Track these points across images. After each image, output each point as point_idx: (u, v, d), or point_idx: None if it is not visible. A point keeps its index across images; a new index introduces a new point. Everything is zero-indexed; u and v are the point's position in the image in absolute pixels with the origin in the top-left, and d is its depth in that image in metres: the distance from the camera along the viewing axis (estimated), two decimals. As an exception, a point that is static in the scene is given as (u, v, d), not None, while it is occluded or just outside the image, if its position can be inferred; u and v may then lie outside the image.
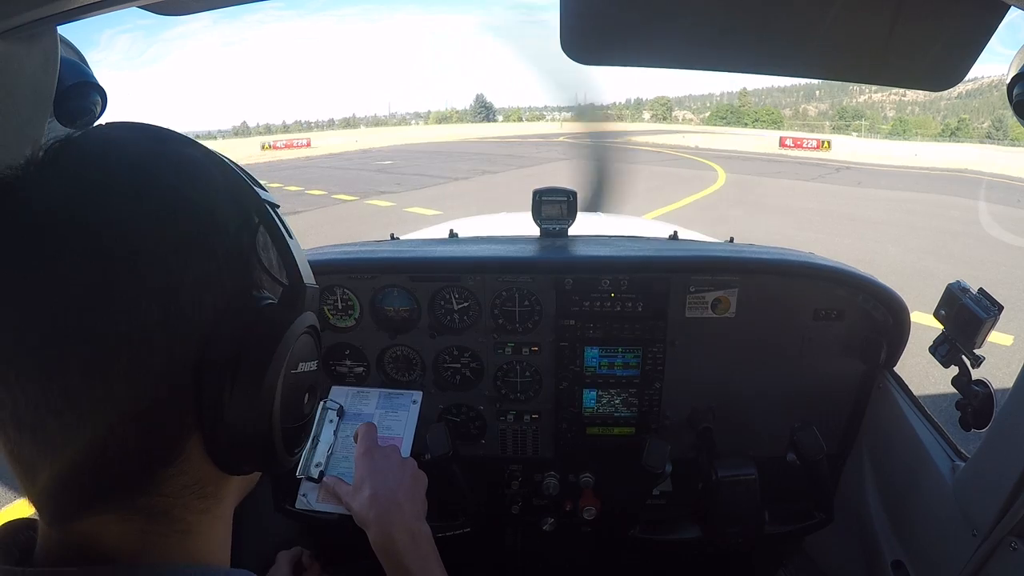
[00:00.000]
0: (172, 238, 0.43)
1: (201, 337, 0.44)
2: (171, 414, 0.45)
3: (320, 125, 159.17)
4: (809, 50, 0.88)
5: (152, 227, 0.43)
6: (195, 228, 0.45)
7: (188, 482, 0.48)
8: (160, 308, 0.42)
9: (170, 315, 0.42)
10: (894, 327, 1.51)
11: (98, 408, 0.41)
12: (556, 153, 30.58)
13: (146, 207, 0.43)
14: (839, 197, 16.07)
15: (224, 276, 0.46)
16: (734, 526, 1.44)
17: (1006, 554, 1.03)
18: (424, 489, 1.03)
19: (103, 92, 0.97)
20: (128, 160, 0.45)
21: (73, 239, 0.40)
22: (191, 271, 0.44)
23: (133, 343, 0.41)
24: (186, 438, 0.46)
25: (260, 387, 0.47)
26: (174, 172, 0.46)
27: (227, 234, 0.47)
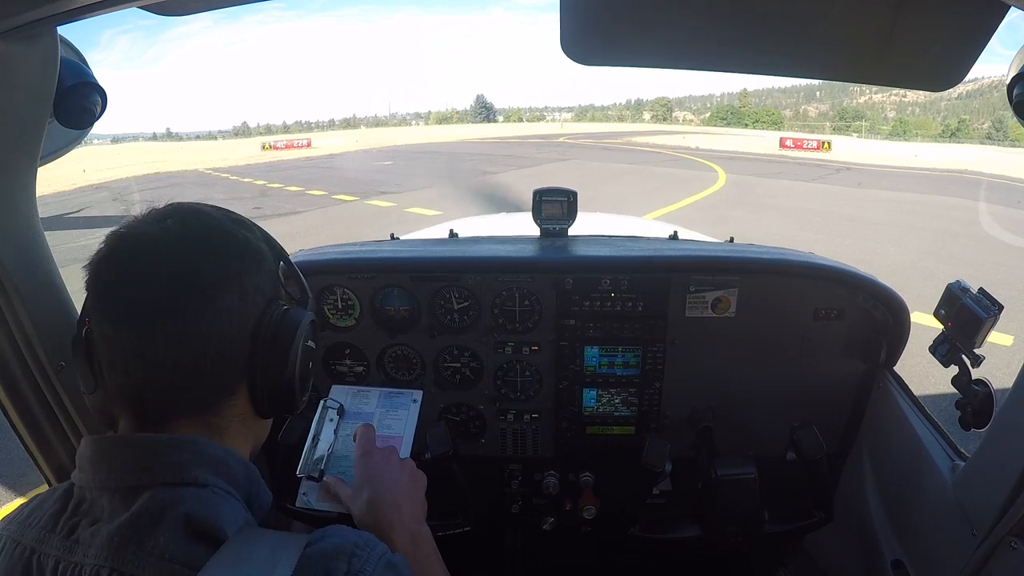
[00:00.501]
0: (240, 264, 0.73)
1: (254, 322, 0.74)
2: (232, 368, 0.73)
3: (320, 125, 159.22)
4: (809, 50, 0.88)
5: (230, 258, 0.73)
6: (251, 259, 0.75)
7: (237, 412, 0.76)
8: (236, 299, 0.71)
9: (239, 305, 0.72)
10: (894, 327, 1.51)
11: (197, 357, 0.69)
12: (556, 154, 30.60)
13: (230, 244, 0.74)
14: (839, 198, 16.07)
15: (267, 286, 0.76)
16: (734, 525, 1.44)
17: (1006, 554, 1.03)
18: (423, 490, 1.03)
19: (103, 92, 0.97)
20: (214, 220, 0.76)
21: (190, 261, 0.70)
22: (250, 282, 0.74)
23: (223, 320, 0.70)
24: (239, 384, 0.75)
25: (288, 353, 0.76)
26: (238, 229, 0.76)
27: (267, 262, 0.78)
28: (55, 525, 0.68)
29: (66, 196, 18.37)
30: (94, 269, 0.70)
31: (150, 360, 0.68)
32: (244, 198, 16.63)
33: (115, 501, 0.66)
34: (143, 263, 0.69)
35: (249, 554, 0.63)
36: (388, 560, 0.69)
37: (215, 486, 0.69)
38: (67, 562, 0.65)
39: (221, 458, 0.71)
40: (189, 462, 0.68)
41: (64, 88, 0.91)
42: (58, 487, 0.73)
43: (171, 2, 0.94)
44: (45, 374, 1.05)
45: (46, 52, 0.86)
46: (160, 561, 0.62)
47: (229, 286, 0.71)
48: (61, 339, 1.03)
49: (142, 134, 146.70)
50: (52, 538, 0.67)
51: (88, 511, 0.68)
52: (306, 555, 0.64)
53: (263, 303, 0.74)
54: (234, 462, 0.73)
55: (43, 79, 0.88)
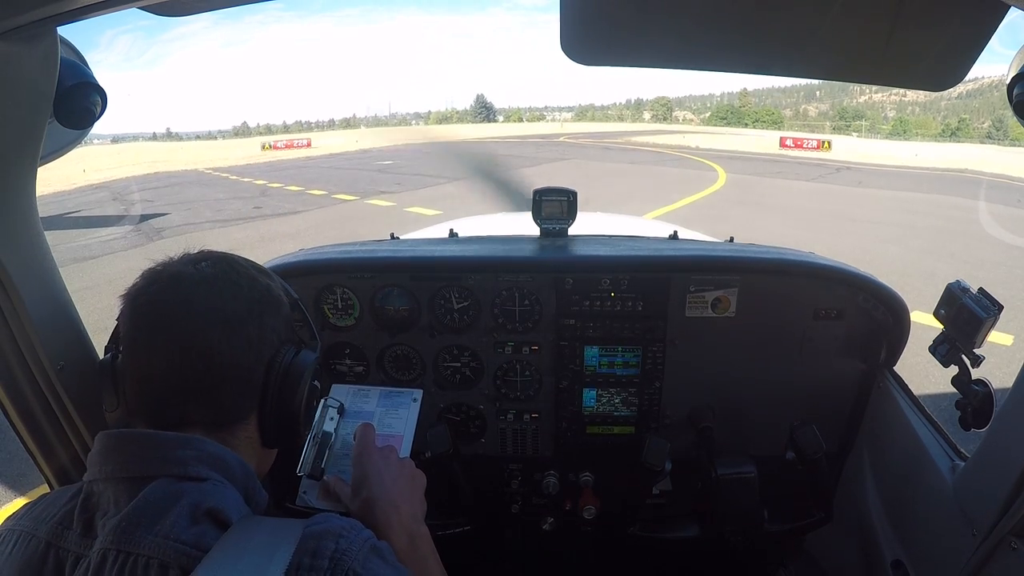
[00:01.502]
0: (261, 306, 0.83)
1: (269, 357, 0.82)
2: (250, 394, 0.81)
3: (320, 125, 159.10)
4: (810, 50, 0.88)
5: (254, 300, 0.82)
6: (270, 303, 0.84)
7: (246, 436, 0.83)
8: (256, 336, 0.81)
9: (257, 341, 0.81)
10: (894, 326, 1.51)
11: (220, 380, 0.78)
12: (555, 153, 30.60)
13: (255, 291, 0.83)
14: (839, 197, 16.06)
15: (281, 329, 0.86)
16: (733, 524, 1.45)
17: (1006, 553, 1.03)
18: (422, 490, 1.03)
19: (103, 93, 0.97)
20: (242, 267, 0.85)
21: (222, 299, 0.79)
22: (268, 322, 0.83)
23: (244, 351, 0.79)
24: (252, 410, 0.82)
25: (296, 388, 0.84)
26: (261, 276, 0.86)
27: (283, 307, 0.87)
28: (71, 521, 0.71)
29: (66, 196, 18.37)
30: (131, 299, 0.79)
31: (177, 381, 0.76)
32: (244, 197, 16.63)
33: (121, 491, 0.70)
34: (179, 296, 0.78)
35: (253, 536, 0.68)
36: (373, 544, 0.73)
37: (215, 480, 0.74)
38: (87, 557, 0.68)
39: (220, 455, 0.76)
40: (192, 458, 0.73)
41: (64, 88, 0.91)
42: (69, 487, 0.77)
43: (171, 2, 0.94)
44: (45, 374, 1.05)
45: (46, 52, 0.86)
46: (168, 542, 0.65)
47: (251, 323, 0.80)
48: (61, 339, 1.03)
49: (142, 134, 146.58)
50: (69, 535, 0.70)
51: (98, 504, 0.71)
52: (303, 536, 0.70)
53: (277, 343, 0.84)
54: (232, 460, 0.78)
55: (43, 79, 0.88)
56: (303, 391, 0.85)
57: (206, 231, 11.85)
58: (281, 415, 0.84)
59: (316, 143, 43.49)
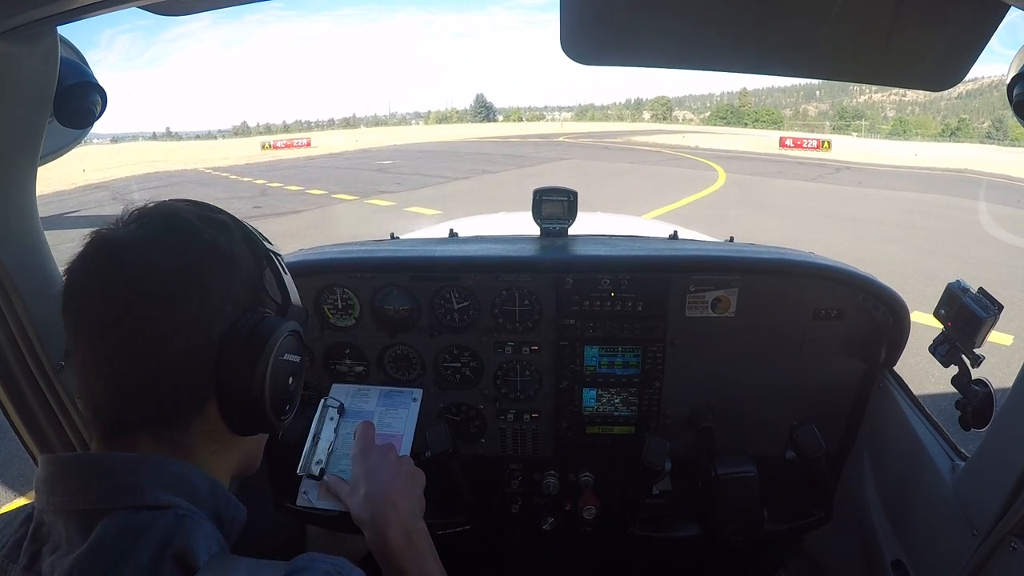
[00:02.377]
0: (207, 267, 0.68)
1: (223, 331, 0.68)
2: (200, 377, 0.68)
3: (320, 125, 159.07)
4: (810, 50, 0.88)
5: (195, 261, 0.68)
6: (216, 263, 0.69)
7: (206, 429, 0.70)
8: (198, 307, 0.67)
9: (204, 312, 0.67)
10: (894, 327, 1.51)
11: (156, 366, 0.65)
12: (555, 153, 30.59)
13: (194, 247, 0.68)
14: (839, 197, 16.07)
15: (240, 293, 0.71)
16: (733, 523, 1.45)
17: (1006, 554, 1.03)
18: (421, 487, 1.04)
19: (103, 92, 0.97)
20: (184, 219, 0.70)
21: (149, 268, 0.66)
22: (219, 286, 0.69)
23: (182, 327, 0.66)
24: (207, 398, 0.69)
25: (256, 366, 0.69)
26: (211, 228, 0.71)
27: (242, 266, 0.72)
28: (18, 554, 0.64)
29: (66, 196, 18.38)
30: (67, 275, 0.68)
31: (107, 370, 0.65)
32: (244, 197, 16.63)
33: (72, 527, 0.62)
34: (103, 268, 0.66)
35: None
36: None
37: (178, 507, 0.64)
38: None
39: (182, 475, 0.66)
40: (149, 482, 0.63)
41: (64, 88, 0.91)
42: (20, 510, 0.69)
43: (171, 2, 0.94)
44: (45, 374, 1.05)
45: (46, 52, 0.86)
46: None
47: (190, 293, 0.66)
48: (61, 339, 1.03)
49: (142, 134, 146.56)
50: (14, 569, 0.64)
51: (48, 536, 0.64)
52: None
53: (235, 311, 0.69)
54: (197, 478, 0.68)
55: (43, 79, 0.88)
56: (264, 365, 0.69)
57: (206, 231, 11.81)
58: (240, 398, 0.69)
59: (316, 143, 43.51)
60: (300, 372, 0.78)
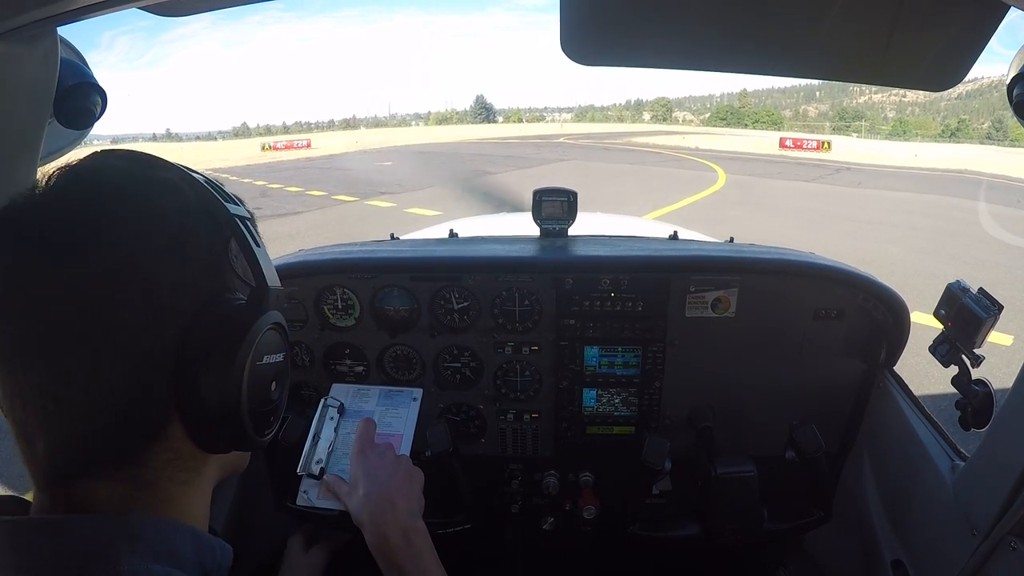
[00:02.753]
0: (150, 249, 0.51)
1: (180, 333, 0.52)
2: (155, 397, 0.52)
3: (320, 126, 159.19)
4: (809, 50, 0.88)
5: (133, 240, 0.51)
6: (170, 240, 0.53)
7: (172, 456, 0.55)
8: (142, 309, 0.51)
9: (151, 314, 0.51)
10: (894, 327, 1.51)
11: (92, 392, 0.50)
12: (555, 154, 30.60)
13: (128, 224, 0.51)
14: (839, 198, 16.07)
15: (199, 280, 0.54)
16: (733, 522, 1.45)
17: (1006, 554, 1.03)
18: (420, 486, 1.04)
19: (103, 93, 0.97)
20: (114, 183, 0.53)
21: (68, 254, 0.49)
22: (168, 277, 0.52)
23: (120, 338, 0.50)
24: (168, 418, 0.54)
25: (229, 375, 0.54)
26: (152, 193, 0.54)
27: (200, 244, 0.55)
28: None
29: (66, 196, 18.35)
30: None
31: (34, 401, 0.50)
32: (244, 198, 16.61)
33: None
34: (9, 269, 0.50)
35: None
36: None
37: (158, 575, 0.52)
38: None
39: (161, 537, 0.53)
40: (123, 552, 0.50)
41: (64, 88, 0.91)
42: None
43: (171, 2, 0.94)
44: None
45: (46, 52, 0.86)
46: None
47: (124, 286, 0.50)
48: None
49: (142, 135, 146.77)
50: None
51: None
52: None
53: (194, 305, 0.53)
54: (176, 535, 0.55)
55: (43, 79, 0.88)
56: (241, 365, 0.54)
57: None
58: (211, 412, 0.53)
59: (316, 144, 43.51)
60: (285, 375, 0.63)
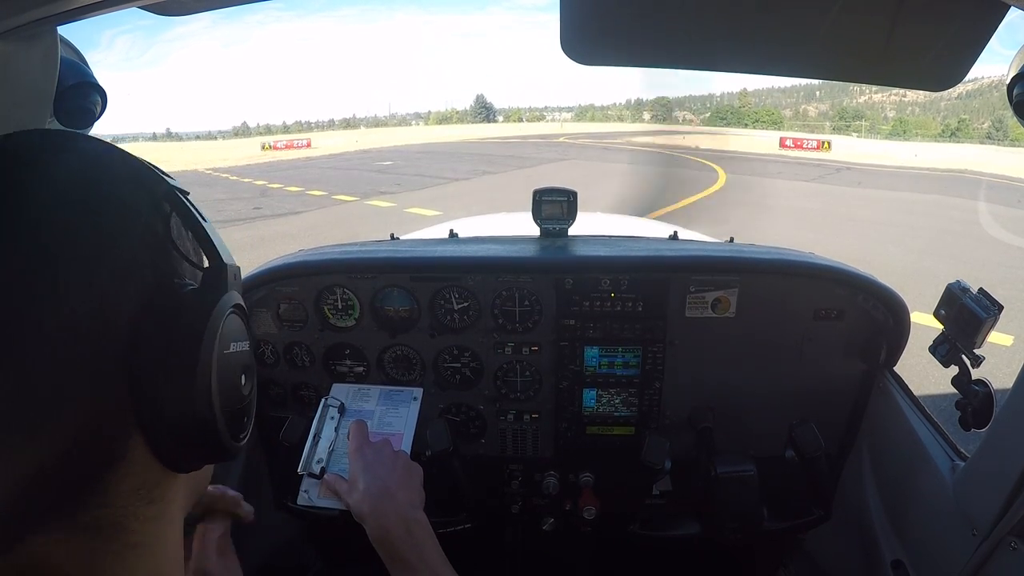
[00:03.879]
0: (82, 232, 0.43)
1: (127, 329, 0.43)
2: (106, 411, 0.42)
3: (320, 125, 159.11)
4: (809, 50, 0.88)
5: (61, 223, 0.42)
6: (103, 220, 0.44)
7: (135, 485, 0.45)
8: (80, 302, 0.41)
9: (91, 308, 0.41)
10: (894, 327, 1.51)
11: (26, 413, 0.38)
12: (555, 153, 30.60)
13: (53, 205, 0.43)
14: (839, 197, 16.08)
15: (142, 266, 0.46)
16: (733, 522, 1.45)
17: (1006, 554, 1.03)
18: (420, 479, 1.04)
19: (103, 92, 0.97)
20: (32, 161, 0.44)
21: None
22: (106, 264, 0.43)
23: (56, 339, 0.40)
24: (126, 436, 0.44)
25: (194, 371, 0.45)
26: (76, 168, 0.46)
27: (138, 224, 0.46)
28: None
29: (66, 196, 18.36)
30: None
31: None
32: (244, 198, 16.64)
33: None
34: None
35: None
36: None
37: None
38: None
39: None
40: None
41: (64, 88, 0.91)
42: None
43: (171, 2, 0.94)
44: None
45: (46, 52, 0.86)
46: None
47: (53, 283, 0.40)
48: None
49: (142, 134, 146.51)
50: None
51: None
52: None
53: (143, 290, 0.44)
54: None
55: (43, 79, 0.88)
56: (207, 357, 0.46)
57: (206, 231, 11.85)
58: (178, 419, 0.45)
59: (316, 143, 43.53)
60: (252, 366, 0.55)
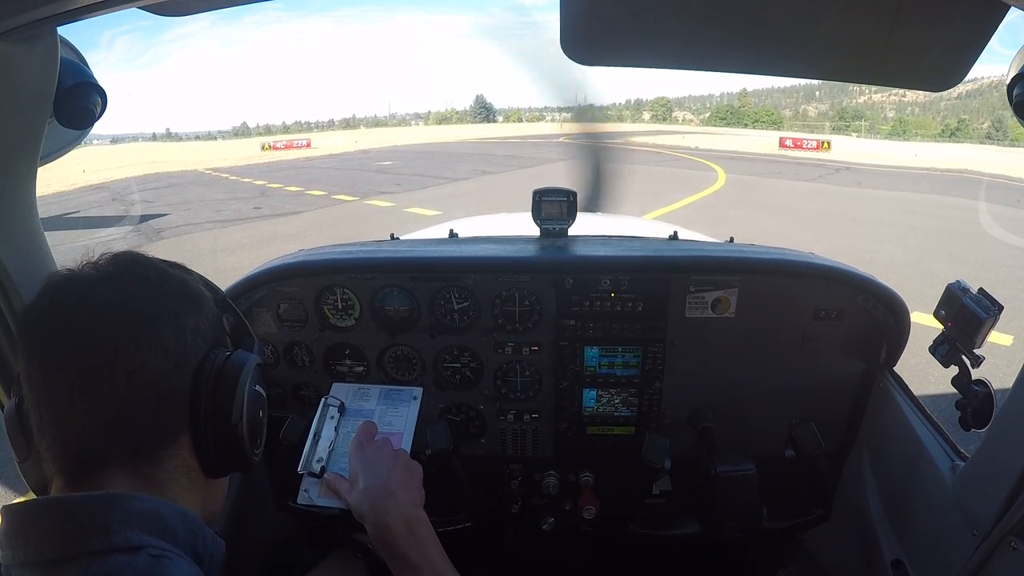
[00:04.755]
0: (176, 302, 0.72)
1: (196, 365, 0.71)
2: (173, 414, 0.69)
3: (320, 126, 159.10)
4: (809, 50, 0.88)
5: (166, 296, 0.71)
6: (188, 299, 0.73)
7: (178, 464, 0.70)
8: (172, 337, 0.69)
9: (176, 343, 0.69)
10: (894, 327, 1.51)
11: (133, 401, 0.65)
12: (555, 154, 30.59)
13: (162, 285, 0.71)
14: (839, 197, 16.08)
15: (206, 329, 0.74)
16: (733, 520, 1.45)
17: (1006, 554, 1.03)
18: (419, 478, 1.05)
19: (103, 93, 0.97)
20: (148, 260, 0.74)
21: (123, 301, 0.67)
22: (188, 321, 0.71)
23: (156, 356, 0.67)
24: (181, 430, 0.70)
25: (234, 396, 0.73)
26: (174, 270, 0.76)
27: (208, 308, 0.76)
28: None
29: (66, 196, 18.38)
30: (24, 315, 0.70)
31: (83, 403, 0.64)
32: (244, 198, 16.64)
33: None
34: (74, 302, 0.66)
35: None
36: None
37: (151, 547, 0.61)
38: None
39: (153, 511, 0.64)
40: (116, 522, 0.60)
41: (64, 88, 0.91)
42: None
43: (171, 2, 0.94)
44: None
45: (46, 52, 0.86)
46: None
47: (165, 322, 0.68)
48: None
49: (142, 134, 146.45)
50: None
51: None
52: None
53: (204, 346, 0.72)
54: (170, 513, 0.65)
55: (43, 79, 0.88)
56: (242, 397, 0.73)
57: (205, 231, 11.86)
58: (219, 431, 0.72)
59: (316, 143, 43.52)
60: (265, 404, 0.82)
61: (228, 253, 9.71)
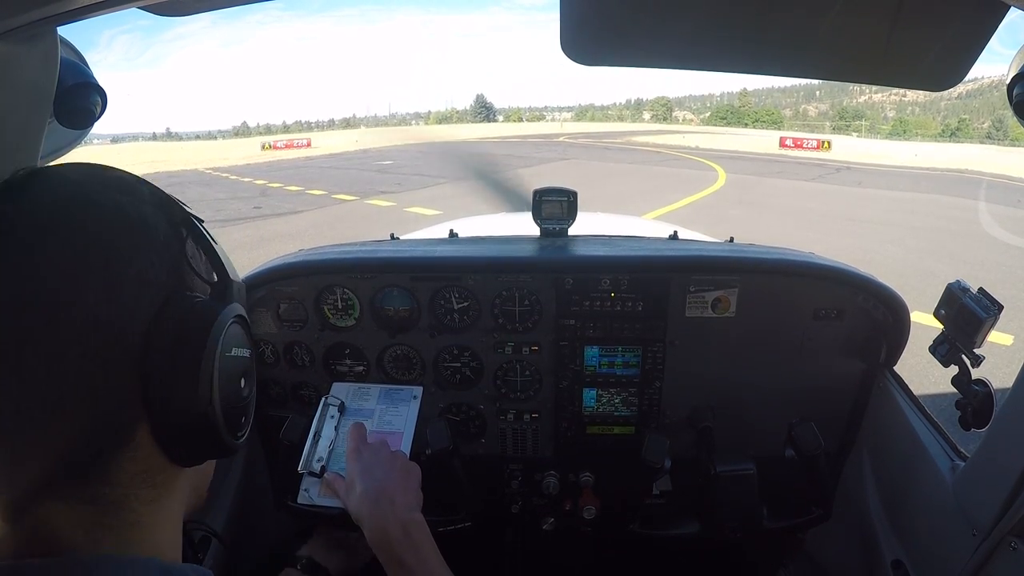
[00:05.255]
0: (113, 244, 0.50)
1: (142, 329, 0.50)
2: (119, 401, 0.49)
3: (320, 125, 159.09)
4: (809, 50, 0.88)
5: (95, 236, 0.50)
6: (130, 236, 0.52)
7: (138, 470, 0.51)
8: (105, 303, 0.48)
9: (114, 309, 0.48)
10: (894, 326, 1.51)
11: (52, 397, 0.46)
12: (555, 153, 30.60)
13: (89, 221, 0.50)
14: (839, 197, 16.08)
15: (160, 276, 0.52)
16: (733, 520, 1.45)
17: (1006, 554, 1.03)
18: (417, 481, 1.05)
19: (103, 93, 0.97)
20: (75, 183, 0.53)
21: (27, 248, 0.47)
22: (129, 269, 0.50)
23: (82, 334, 0.47)
24: (135, 425, 0.50)
25: (198, 370, 0.52)
26: (112, 193, 0.53)
27: (159, 241, 0.54)
28: None
29: (66, 196, 18.35)
30: None
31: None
32: (244, 197, 16.63)
33: None
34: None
35: None
36: None
37: None
38: None
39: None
40: None
41: (64, 88, 0.91)
42: None
43: (171, 2, 0.94)
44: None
45: (46, 52, 0.86)
46: None
47: (87, 284, 0.47)
48: None
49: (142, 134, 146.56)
50: None
51: None
52: None
53: (157, 299, 0.51)
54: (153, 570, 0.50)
55: (43, 79, 0.88)
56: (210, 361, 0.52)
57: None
58: (183, 413, 0.51)
59: (316, 143, 43.46)
60: (252, 372, 0.61)
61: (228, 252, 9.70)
